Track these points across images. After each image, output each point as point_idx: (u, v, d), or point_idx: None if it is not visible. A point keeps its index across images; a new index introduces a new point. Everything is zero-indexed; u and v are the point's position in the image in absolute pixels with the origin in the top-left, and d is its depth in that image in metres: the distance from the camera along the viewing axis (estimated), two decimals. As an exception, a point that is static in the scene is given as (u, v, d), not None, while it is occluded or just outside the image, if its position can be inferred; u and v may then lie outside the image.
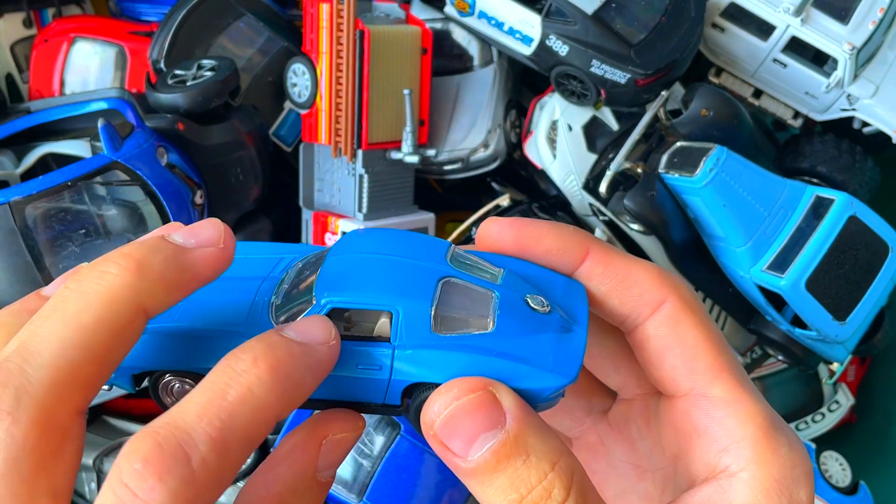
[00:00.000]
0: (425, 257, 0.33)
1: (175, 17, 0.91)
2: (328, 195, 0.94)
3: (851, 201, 0.82)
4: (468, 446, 0.28)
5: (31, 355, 0.26)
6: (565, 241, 0.34)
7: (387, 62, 0.90)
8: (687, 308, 0.33)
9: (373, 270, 0.32)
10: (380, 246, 0.34)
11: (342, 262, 0.33)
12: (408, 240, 0.34)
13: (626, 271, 0.33)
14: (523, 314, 0.32)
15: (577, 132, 0.94)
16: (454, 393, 0.29)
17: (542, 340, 0.31)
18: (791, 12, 0.86)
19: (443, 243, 0.35)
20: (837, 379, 1.05)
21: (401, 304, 0.31)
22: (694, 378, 0.32)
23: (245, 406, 0.27)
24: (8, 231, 0.69)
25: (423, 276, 0.32)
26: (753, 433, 0.31)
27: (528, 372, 0.30)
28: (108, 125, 0.73)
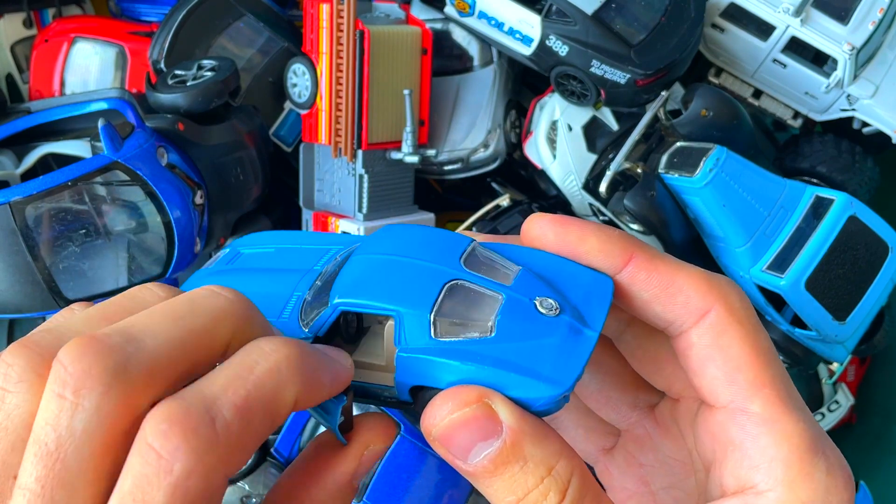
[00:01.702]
0: (439, 259, 0.33)
1: (175, 18, 0.91)
2: (328, 195, 0.94)
3: (851, 201, 0.82)
4: (466, 454, 0.29)
5: (135, 340, 0.26)
6: (609, 242, 0.33)
7: (387, 62, 0.90)
8: (733, 318, 0.32)
9: (383, 274, 0.33)
10: (400, 246, 0.34)
11: (360, 264, 0.34)
12: (429, 239, 0.34)
13: (671, 277, 0.32)
14: (528, 318, 0.31)
15: (577, 132, 0.94)
16: (449, 406, 0.29)
17: (544, 346, 0.31)
18: (791, 12, 0.86)
19: (464, 241, 0.34)
20: (837, 379, 1.05)
21: (402, 309, 0.31)
22: (733, 391, 0.32)
23: (271, 380, 0.27)
24: (8, 231, 0.69)
25: (430, 280, 0.32)
26: (787, 455, 0.30)
27: (520, 381, 0.30)
28: (109, 125, 0.73)
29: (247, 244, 0.40)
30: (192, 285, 0.38)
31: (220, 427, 0.25)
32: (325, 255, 0.37)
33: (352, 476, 0.32)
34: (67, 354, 0.25)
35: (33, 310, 0.72)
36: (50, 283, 0.71)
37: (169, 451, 0.24)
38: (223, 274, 0.38)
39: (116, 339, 0.26)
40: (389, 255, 0.33)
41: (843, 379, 1.08)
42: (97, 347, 0.25)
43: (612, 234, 0.34)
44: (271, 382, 0.27)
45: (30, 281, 0.70)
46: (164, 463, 0.24)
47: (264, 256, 0.38)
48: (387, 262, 0.33)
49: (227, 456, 0.26)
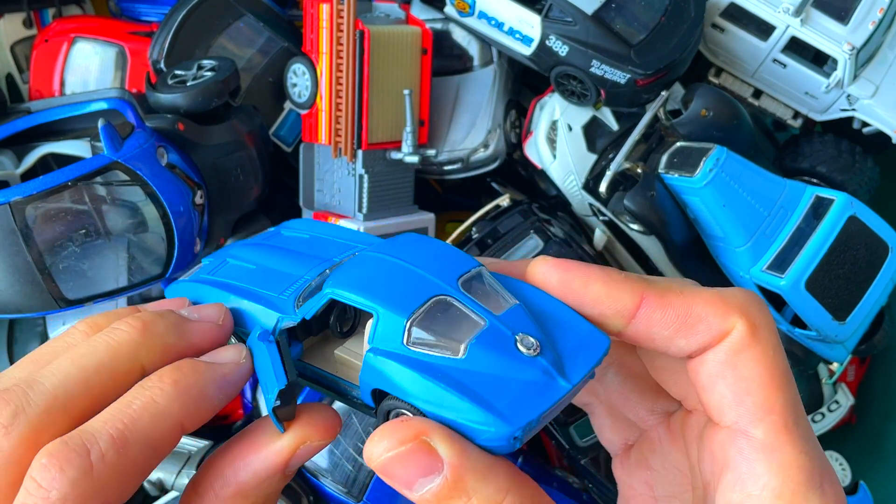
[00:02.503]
0: (439, 273, 0.33)
1: (175, 18, 0.91)
2: (328, 195, 0.94)
3: (851, 201, 0.82)
4: (409, 486, 0.29)
5: (35, 383, 0.30)
6: (616, 288, 0.32)
7: (387, 62, 0.90)
8: (753, 338, 0.31)
9: (379, 273, 0.33)
10: (408, 253, 0.35)
11: (364, 261, 0.35)
12: (439, 253, 0.35)
13: (687, 309, 0.32)
14: (503, 350, 0.31)
15: (577, 132, 0.94)
16: (385, 444, 0.29)
17: (509, 382, 0.30)
18: (791, 12, 0.86)
19: (470, 263, 0.34)
20: (837, 379, 1.05)
21: (381, 309, 0.32)
22: (739, 412, 0.31)
23: (146, 412, 0.30)
24: (8, 231, 0.69)
25: (420, 289, 0.32)
26: (781, 486, 0.30)
27: (471, 410, 0.29)
28: (109, 125, 0.73)
29: (291, 228, 0.42)
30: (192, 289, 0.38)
31: (94, 458, 0.28)
32: (350, 250, 0.38)
33: (284, 465, 0.33)
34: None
35: (33, 310, 0.71)
36: (50, 283, 0.70)
37: (47, 480, 0.28)
38: (254, 247, 0.40)
39: (18, 386, 0.30)
40: (393, 259, 0.34)
41: (843, 379, 1.08)
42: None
43: (619, 277, 0.33)
44: (147, 414, 0.30)
45: (30, 281, 0.70)
46: (43, 492, 0.28)
47: (297, 241, 0.40)
48: (388, 263, 0.34)
49: (103, 483, 0.29)
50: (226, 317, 0.35)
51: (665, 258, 0.91)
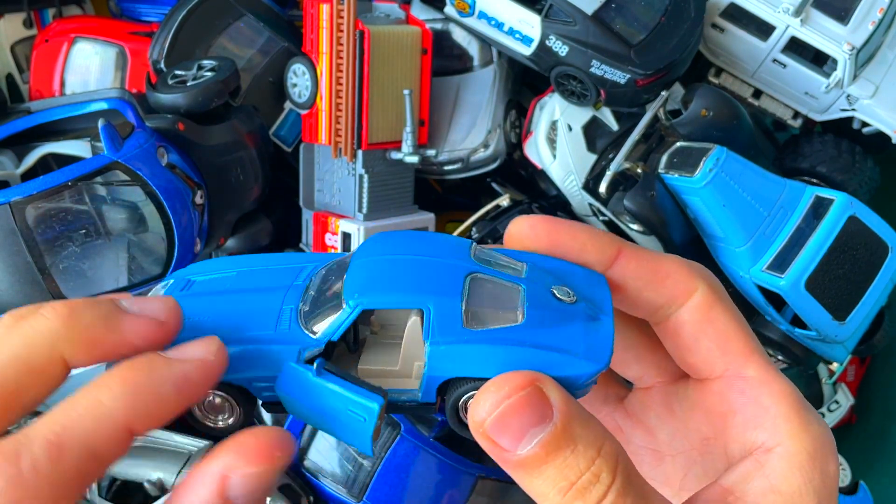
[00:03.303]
0: (450, 255, 0.33)
1: (175, 18, 0.91)
2: (328, 195, 0.94)
3: (851, 201, 0.82)
4: (517, 441, 0.29)
5: None
6: (599, 239, 0.35)
7: (387, 62, 0.90)
8: (716, 295, 0.35)
9: (400, 270, 0.33)
10: (404, 247, 0.34)
11: (368, 265, 0.33)
12: (431, 240, 0.35)
13: (657, 265, 0.35)
14: (551, 305, 0.32)
15: (576, 132, 0.94)
16: (505, 391, 0.29)
17: (572, 329, 0.32)
18: (791, 13, 0.86)
19: (465, 242, 0.35)
20: (837, 379, 1.05)
21: (432, 301, 0.31)
22: (728, 360, 0.34)
23: (89, 414, 0.27)
24: (8, 231, 0.69)
25: (450, 273, 0.32)
26: (787, 411, 0.32)
27: (563, 360, 0.31)
28: (109, 125, 0.73)
29: (198, 272, 0.38)
30: None
31: (25, 465, 0.26)
32: (301, 272, 0.36)
33: (224, 498, 0.29)
34: None
35: (33, 310, 0.71)
36: (50, 282, 0.71)
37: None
38: (188, 297, 0.36)
39: None
40: (398, 255, 0.33)
41: (842, 379, 1.08)
42: None
43: (600, 230, 0.36)
44: (90, 417, 0.27)
45: (30, 281, 0.70)
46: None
47: (226, 280, 0.37)
48: (398, 261, 0.33)
49: (36, 491, 0.26)
50: (171, 314, 0.31)
51: (665, 258, 0.91)
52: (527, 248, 0.35)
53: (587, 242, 0.35)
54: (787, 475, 0.31)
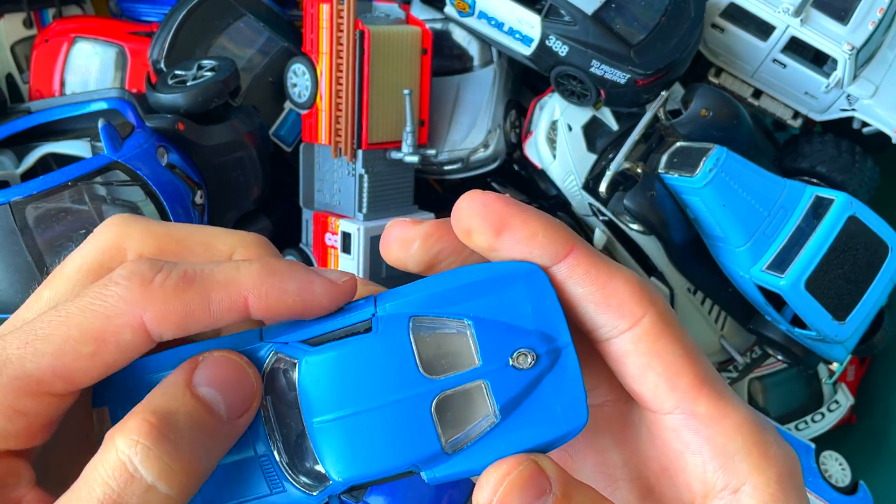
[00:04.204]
0: (401, 385, 0.30)
1: (175, 18, 0.91)
2: (328, 195, 0.94)
3: (851, 201, 0.82)
4: None
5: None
6: (553, 229, 0.32)
7: (387, 62, 0.90)
8: (665, 323, 0.32)
9: (367, 431, 0.30)
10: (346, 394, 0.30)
11: (331, 431, 0.30)
12: (369, 366, 0.30)
13: (609, 278, 0.31)
14: (517, 382, 0.30)
15: (576, 132, 0.94)
16: (503, 469, 0.29)
17: (543, 394, 0.30)
18: (791, 12, 0.86)
19: (402, 339, 0.30)
20: (837, 379, 1.05)
21: (415, 461, 0.30)
22: (677, 396, 0.32)
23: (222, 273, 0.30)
24: (8, 231, 0.69)
25: (416, 411, 0.30)
26: (745, 445, 0.31)
27: (544, 431, 0.30)
28: (109, 125, 0.73)
29: None
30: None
31: (158, 278, 0.29)
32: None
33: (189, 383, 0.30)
34: None
35: (33, 310, 0.71)
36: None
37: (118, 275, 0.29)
38: None
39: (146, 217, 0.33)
40: (351, 411, 0.30)
41: (842, 379, 1.08)
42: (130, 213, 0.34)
43: (556, 222, 0.32)
44: (222, 275, 0.30)
45: (30, 281, 0.70)
46: (108, 281, 0.29)
47: None
48: (356, 418, 0.30)
49: (152, 303, 0.28)
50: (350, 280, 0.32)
51: (665, 258, 0.91)
52: (472, 227, 0.33)
53: (539, 231, 0.31)
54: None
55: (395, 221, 0.34)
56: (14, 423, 0.28)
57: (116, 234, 0.32)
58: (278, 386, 0.31)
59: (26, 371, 0.28)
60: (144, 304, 0.28)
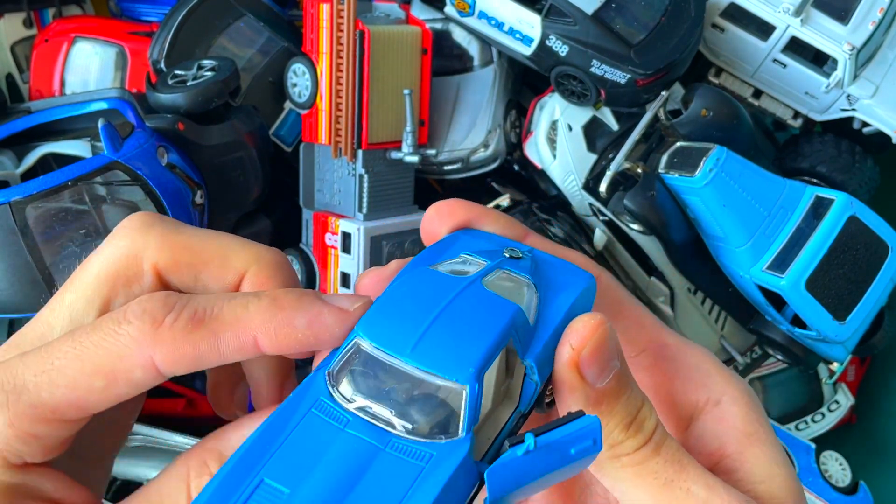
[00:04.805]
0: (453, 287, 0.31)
1: (175, 18, 0.91)
2: (328, 195, 0.94)
3: (851, 201, 0.82)
4: (602, 374, 0.31)
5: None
6: (511, 221, 0.37)
7: (387, 62, 0.90)
8: (614, 280, 0.38)
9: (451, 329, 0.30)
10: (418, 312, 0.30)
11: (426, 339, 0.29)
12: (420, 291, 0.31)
13: (565, 251, 0.37)
14: (524, 265, 0.34)
15: (577, 132, 0.94)
16: (597, 319, 0.31)
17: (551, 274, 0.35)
18: (791, 12, 0.86)
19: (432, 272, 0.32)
20: (837, 379, 1.05)
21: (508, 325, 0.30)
22: (644, 335, 0.37)
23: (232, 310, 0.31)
24: (8, 231, 0.69)
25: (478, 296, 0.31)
26: (713, 366, 0.37)
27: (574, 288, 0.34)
28: (109, 125, 0.73)
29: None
30: None
31: (169, 318, 0.29)
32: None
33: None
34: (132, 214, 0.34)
35: (33, 310, 0.71)
36: (50, 283, 0.70)
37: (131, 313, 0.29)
38: None
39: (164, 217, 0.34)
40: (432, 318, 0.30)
41: (843, 379, 1.08)
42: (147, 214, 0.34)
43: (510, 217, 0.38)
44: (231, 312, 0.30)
45: (30, 281, 0.70)
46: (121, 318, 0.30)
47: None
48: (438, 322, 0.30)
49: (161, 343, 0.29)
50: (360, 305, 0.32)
51: (665, 258, 0.91)
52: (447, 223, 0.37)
53: (501, 222, 0.37)
54: (744, 416, 0.35)
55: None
56: (30, 445, 0.29)
57: (134, 241, 0.32)
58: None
59: (42, 400, 0.29)
60: (154, 346, 0.29)
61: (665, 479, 0.31)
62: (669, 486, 0.31)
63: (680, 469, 0.31)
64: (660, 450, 0.31)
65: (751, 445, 0.34)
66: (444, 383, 0.28)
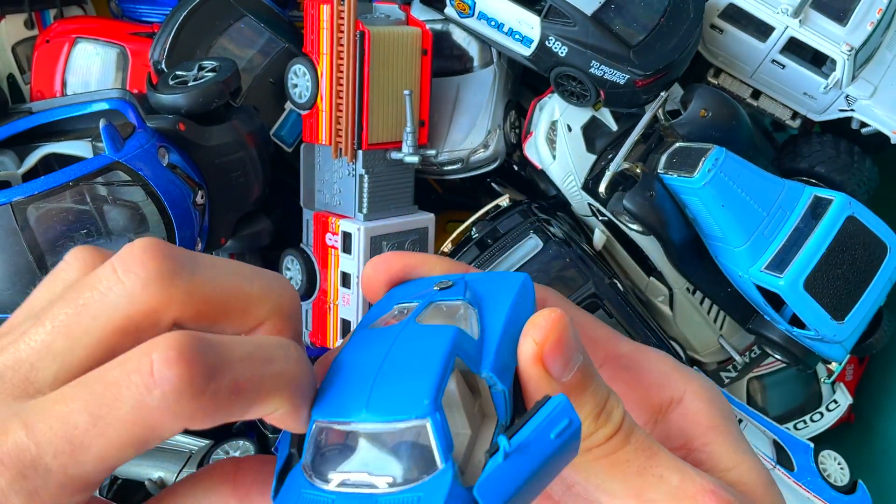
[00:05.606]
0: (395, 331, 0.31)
1: (176, 18, 0.91)
2: (328, 195, 0.95)
3: (849, 201, 0.82)
4: (566, 367, 0.30)
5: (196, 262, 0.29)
6: (447, 261, 0.38)
7: (387, 63, 0.90)
8: (561, 300, 0.39)
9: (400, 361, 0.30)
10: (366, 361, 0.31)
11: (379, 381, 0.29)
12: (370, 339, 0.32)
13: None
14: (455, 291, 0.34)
15: (576, 133, 0.94)
16: (555, 315, 0.30)
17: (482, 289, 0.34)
18: (789, 13, 0.87)
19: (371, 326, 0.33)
20: (836, 378, 1.06)
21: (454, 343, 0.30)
22: (599, 347, 0.38)
23: (272, 382, 0.28)
24: (9, 231, 0.69)
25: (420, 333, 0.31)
26: (671, 365, 0.38)
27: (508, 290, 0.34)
28: (110, 126, 0.73)
29: None
30: None
31: (211, 388, 0.26)
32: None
33: None
34: (139, 243, 0.28)
35: (35, 309, 0.72)
36: (51, 282, 0.71)
37: (161, 376, 0.25)
38: None
39: (181, 254, 0.29)
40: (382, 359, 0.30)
41: (841, 378, 1.08)
42: (163, 252, 0.28)
43: (446, 258, 0.39)
44: (271, 384, 0.28)
45: (30, 281, 0.70)
46: (150, 382, 0.25)
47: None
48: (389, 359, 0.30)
49: (198, 414, 0.26)
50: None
51: (664, 258, 0.91)
52: (386, 279, 0.37)
53: (437, 263, 0.37)
54: (706, 410, 0.36)
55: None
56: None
57: (155, 297, 0.28)
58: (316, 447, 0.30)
59: (70, 476, 0.26)
60: (192, 419, 0.26)
61: (637, 466, 0.31)
62: (642, 473, 0.31)
63: (651, 455, 0.32)
64: (629, 438, 0.32)
65: (715, 437, 0.35)
66: (407, 424, 0.27)
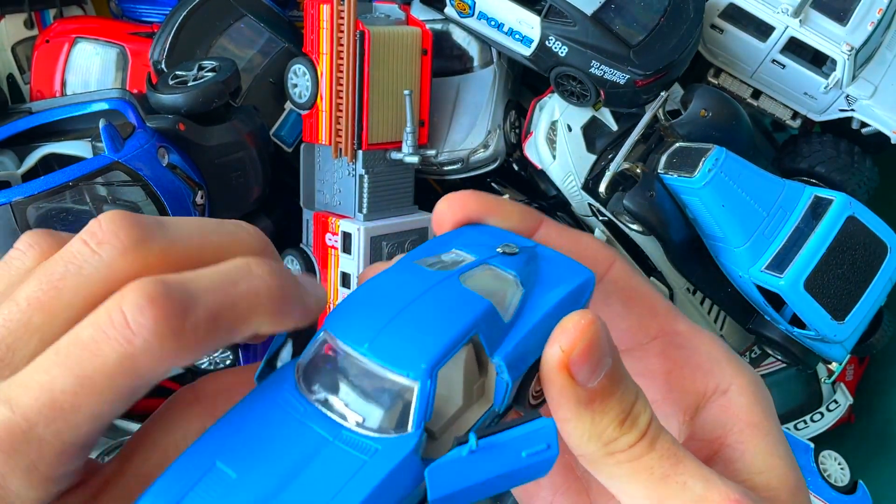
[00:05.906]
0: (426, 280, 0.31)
1: (176, 18, 0.91)
2: (328, 195, 0.95)
3: (850, 201, 0.82)
4: (593, 373, 0.30)
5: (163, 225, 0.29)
6: (523, 208, 0.37)
7: (387, 63, 0.90)
8: (631, 268, 0.38)
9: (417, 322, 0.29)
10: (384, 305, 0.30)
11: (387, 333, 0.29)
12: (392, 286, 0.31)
13: (578, 237, 0.37)
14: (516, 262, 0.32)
15: (576, 133, 0.94)
16: (587, 319, 0.30)
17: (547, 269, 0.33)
18: (790, 13, 0.87)
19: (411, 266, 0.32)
20: (836, 378, 1.06)
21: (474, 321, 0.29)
22: (659, 320, 0.37)
23: (246, 301, 0.28)
24: (9, 231, 0.69)
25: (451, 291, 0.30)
26: (724, 354, 0.36)
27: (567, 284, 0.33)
28: (110, 126, 0.73)
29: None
30: None
31: (188, 324, 0.26)
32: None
33: None
34: (106, 217, 0.28)
35: (35, 309, 0.72)
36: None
37: (138, 324, 0.25)
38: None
39: (148, 220, 0.29)
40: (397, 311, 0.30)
41: (841, 378, 1.08)
42: (131, 221, 0.28)
43: (522, 205, 0.38)
44: (245, 303, 0.28)
45: (31, 281, 0.70)
46: (128, 333, 0.25)
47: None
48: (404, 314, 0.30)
49: (182, 351, 0.26)
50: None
51: (664, 258, 0.91)
52: (461, 218, 0.36)
53: (514, 211, 0.36)
54: (749, 406, 0.35)
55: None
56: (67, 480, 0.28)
57: (136, 263, 0.28)
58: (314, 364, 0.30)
59: (65, 441, 0.26)
60: (177, 356, 0.26)
61: (661, 474, 0.31)
62: (665, 480, 0.31)
63: (675, 463, 0.31)
64: (654, 445, 0.31)
65: (753, 436, 0.34)
66: (397, 378, 0.27)
